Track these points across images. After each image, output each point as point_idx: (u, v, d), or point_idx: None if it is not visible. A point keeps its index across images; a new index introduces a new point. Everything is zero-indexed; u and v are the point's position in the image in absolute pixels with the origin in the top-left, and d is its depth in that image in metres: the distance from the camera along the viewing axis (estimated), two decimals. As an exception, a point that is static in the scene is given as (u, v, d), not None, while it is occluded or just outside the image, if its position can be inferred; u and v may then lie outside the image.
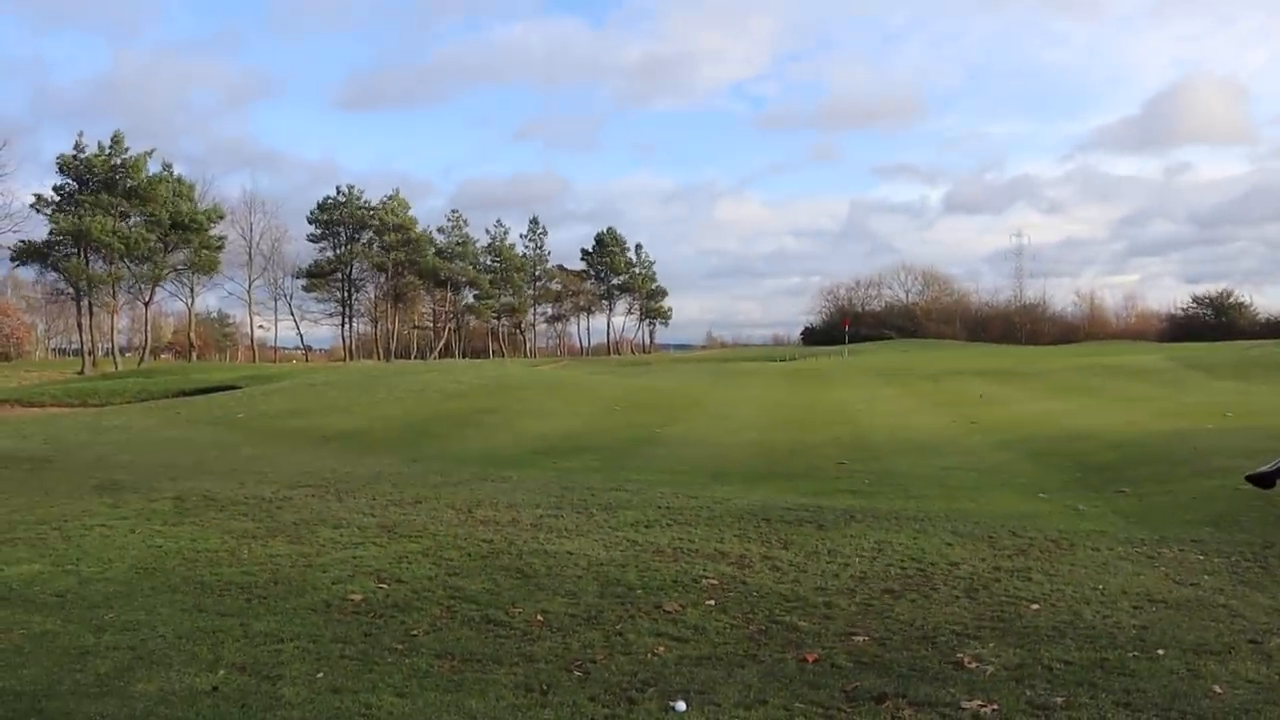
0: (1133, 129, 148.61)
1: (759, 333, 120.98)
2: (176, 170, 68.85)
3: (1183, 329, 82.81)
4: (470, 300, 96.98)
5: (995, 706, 4.16)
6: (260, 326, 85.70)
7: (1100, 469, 12.72)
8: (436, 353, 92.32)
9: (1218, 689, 4.36)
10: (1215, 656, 4.85)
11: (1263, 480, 3.43)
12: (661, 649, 5.07)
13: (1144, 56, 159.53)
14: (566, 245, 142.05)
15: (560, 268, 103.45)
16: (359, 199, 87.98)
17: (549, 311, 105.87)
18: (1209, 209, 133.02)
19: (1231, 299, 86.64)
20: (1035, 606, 5.93)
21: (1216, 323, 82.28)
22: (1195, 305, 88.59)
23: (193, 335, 77.24)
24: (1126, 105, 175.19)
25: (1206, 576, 6.76)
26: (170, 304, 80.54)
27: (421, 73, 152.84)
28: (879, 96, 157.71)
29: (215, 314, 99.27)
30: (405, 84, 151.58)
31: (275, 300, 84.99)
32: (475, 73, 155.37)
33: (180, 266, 70.15)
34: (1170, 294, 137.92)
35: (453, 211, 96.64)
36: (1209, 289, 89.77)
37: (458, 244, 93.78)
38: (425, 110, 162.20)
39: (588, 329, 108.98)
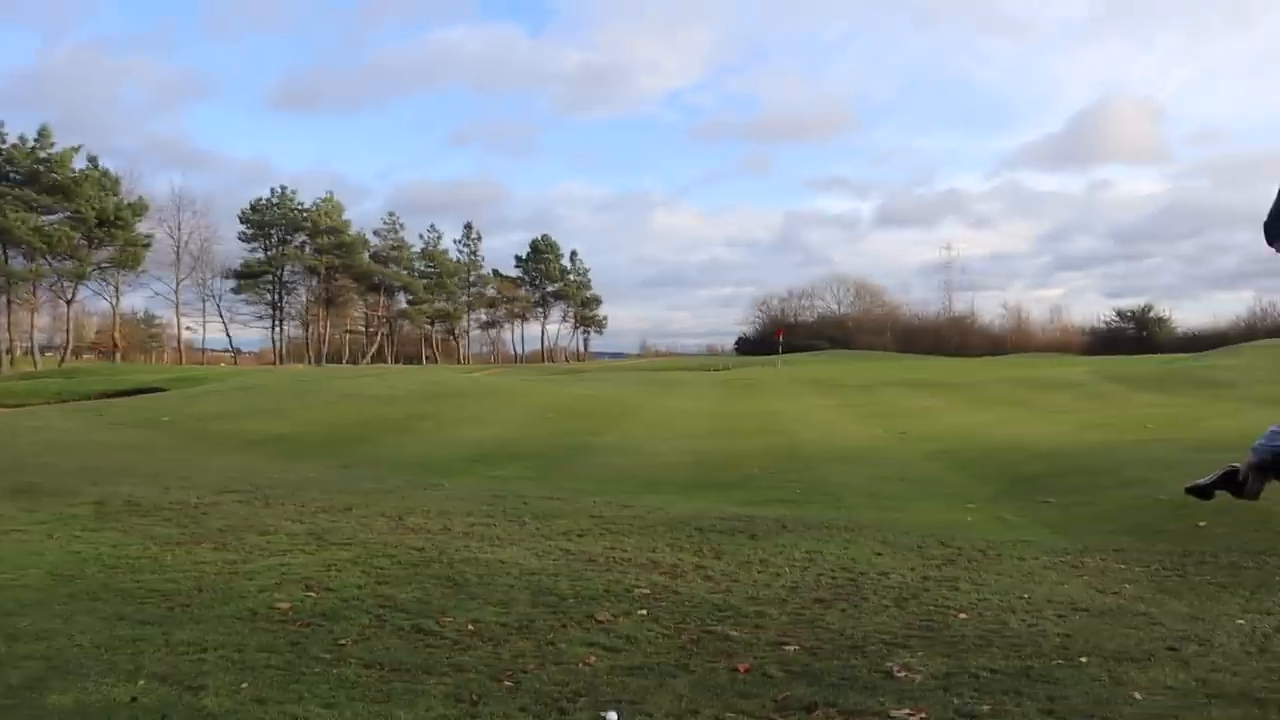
0: (1056, 146, 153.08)
1: (693, 342, 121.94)
2: (103, 165, 67.19)
3: (1105, 342, 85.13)
4: (404, 305, 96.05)
5: (923, 715, 4.21)
6: (187, 328, 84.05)
7: (1026, 479, 13.00)
8: (369, 358, 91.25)
9: (1138, 695, 4.47)
10: (1135, 663, 4.97)
11: (1202, 492, 3.53)
12: (593, 659, 5.05)
13: (1068, 75, 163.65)
14: (502, 252, 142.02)
15: (495, 273, 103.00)
16: (292, 200, 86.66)
17: (483, 318, 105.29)
18: (1128, 226, 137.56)
19: (1152, 313, 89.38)
20: (963, 615, 6.02)
21: (1138, 336, 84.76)
22: (1118, 319, 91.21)
23: (117, 335, 75.29)
24: (1050, 123, 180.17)
25: (1127, 585, 6.93)
26: (94, 303, 78.57)
27: (359, 74, 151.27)
28: (813, 109, 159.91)
29: (141, 314, 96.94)
30: (342, 86, 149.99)
31: (203, 301, 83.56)
32: (413, 76, 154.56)
33: (105, 264, 68.40)
34: (1093, 308, 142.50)
35: (389, 214, 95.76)
36: (1131, 303, 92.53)
37: (393, 247, 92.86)
38: (363, 113, 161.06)
39: (522, 336, 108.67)
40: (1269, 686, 4.61)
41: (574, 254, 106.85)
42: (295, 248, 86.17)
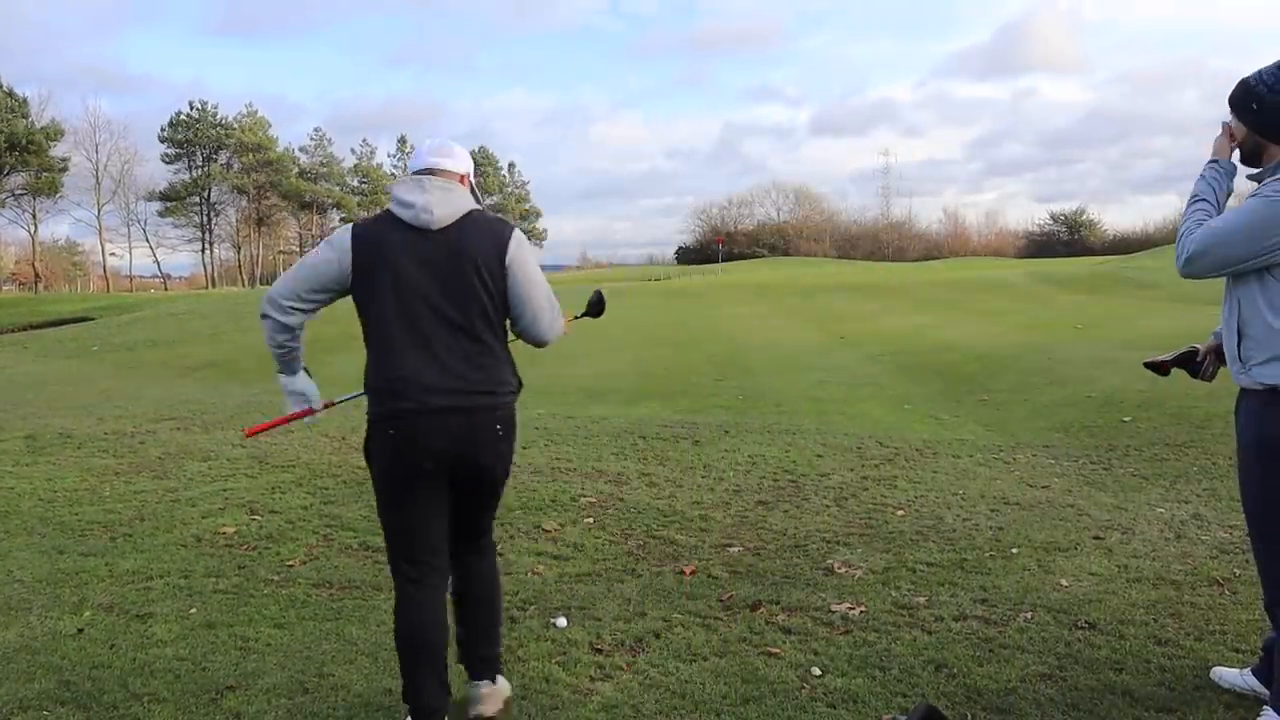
0: (984, 55, 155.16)
1: (634, 252, 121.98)
2: (15, 89, 64.12)
3: (1040, 246, 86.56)
4: (337, 222, 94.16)
5: (863, 608, 4.36)
6: (113, 254, 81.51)
7: (962, 380, 13.27)
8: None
9: (1064, 582, 4.66)
10: (1063, 553, 5.17)
11: (1159, 367, 3.65)
12: (541, 568, 5.12)
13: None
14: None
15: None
16: (213, 116, 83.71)
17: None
18: (1054, 132, 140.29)
19: (1084, 217, 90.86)
20: (900, 512, 6.20)
21: (1070, 239, 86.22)
22: (1052, 222, 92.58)
23: (37, 265, 72.74)
24: (979, 32, 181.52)
25: (1056, 479, 7.16)
26: (11, 232, 75.74)
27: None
28: (750, 17, 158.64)
29: (63, 242, 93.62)
30: (279, 8, 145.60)
31: (128, 226, 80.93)
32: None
33: (19, 191, 65.77)
34: (1027, 212, 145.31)
35: (316, 130, 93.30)
36: (1063, 207, 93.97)
37: (322, 164, 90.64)
38: (299, 36, 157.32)
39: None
40: (1184, 569, 4.84)
41: (512, 165, 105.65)
42: (221, 166, 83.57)
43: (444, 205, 3.05)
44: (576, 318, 4.15)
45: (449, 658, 3.23)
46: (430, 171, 3.15)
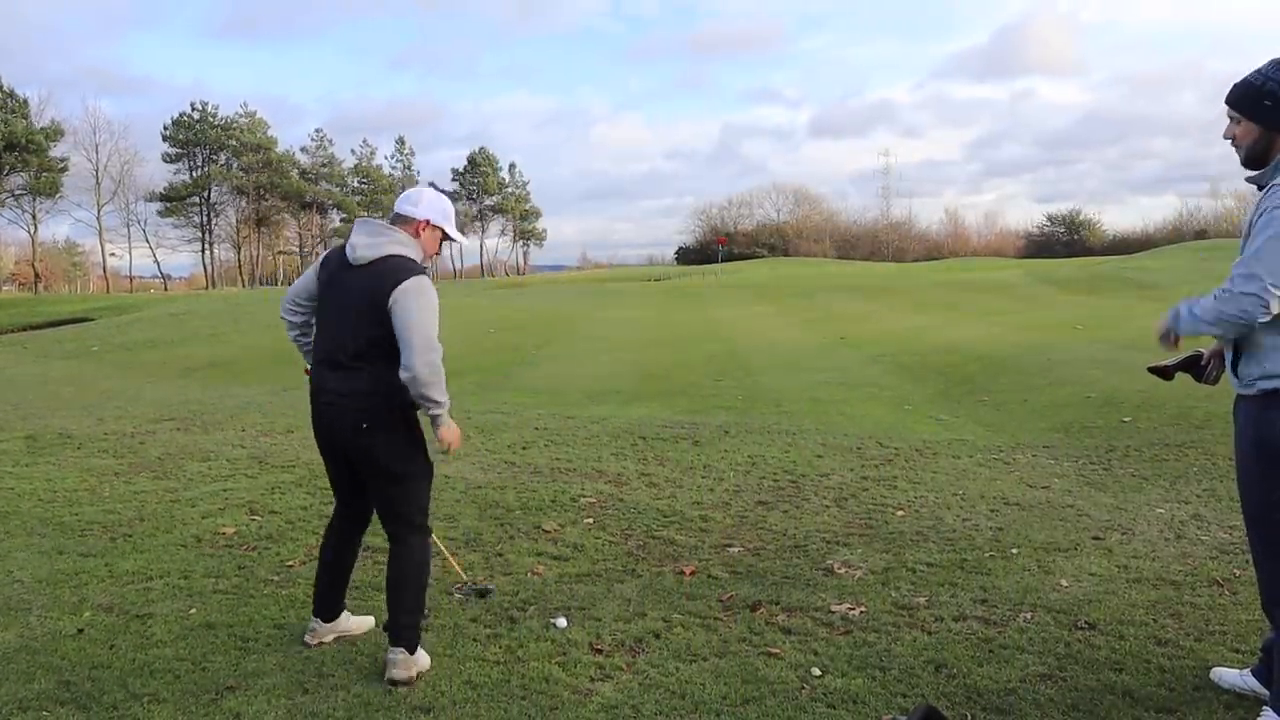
0: (981, 57, 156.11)
1: (634, 253, 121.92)
2: (16, 89, 64.04)
3: (1040, 246, 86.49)
4: (338, 224, 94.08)
5: (863, 609, 4.36)
6: (113, 254, 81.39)
7: (962, 380, 13.26)
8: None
9: (1064, 582, 4.66)
10: (1063, 553, 5.17)
11: (1163, 372, 3.63)
12: (541, 568, 5.12)
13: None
14: (441, 167, 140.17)
15: (432, 186, 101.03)
16: (214, 116, 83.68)
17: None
18: (1053, 133, 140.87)
19: (1082, 217, 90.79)
20: (900, 513, 6.20)
21: (1069, 240, 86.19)
22: (1050, 223, 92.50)
23: (37, 265, 72.63)
24: (977, 34, 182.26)
25: (1056, 480, 7.16)
26: (11, 232, 75.61)
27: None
28: (750, 19, 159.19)
29: (63, 242, 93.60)
30: (282, 11, 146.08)
31: (128, 226, 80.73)
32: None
33: (19, 191, 65.69)
34: (1026, 213, 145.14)
35: (316, 130, 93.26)
36: (1061, 208, 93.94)
37: (322, 165, 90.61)
38: (303, 38, 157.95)
39: (460, 251, 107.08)
40: (1184, 569, 4.85)
41: (513, 166, 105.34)
42: (221, 167, 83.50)
43: (369, 248, 3.79)
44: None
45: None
46: (398, 216, 3.90)
